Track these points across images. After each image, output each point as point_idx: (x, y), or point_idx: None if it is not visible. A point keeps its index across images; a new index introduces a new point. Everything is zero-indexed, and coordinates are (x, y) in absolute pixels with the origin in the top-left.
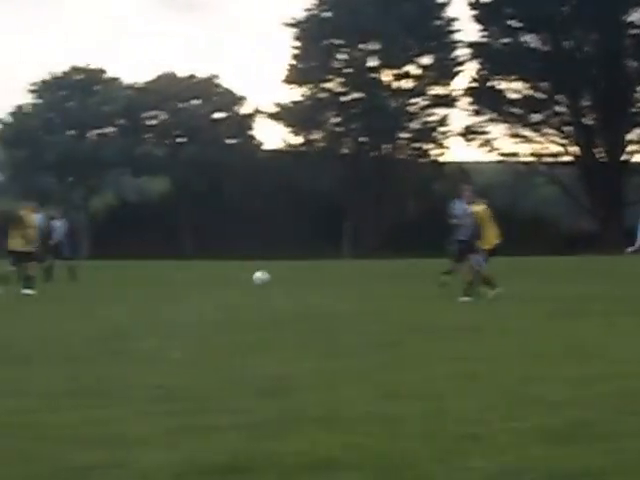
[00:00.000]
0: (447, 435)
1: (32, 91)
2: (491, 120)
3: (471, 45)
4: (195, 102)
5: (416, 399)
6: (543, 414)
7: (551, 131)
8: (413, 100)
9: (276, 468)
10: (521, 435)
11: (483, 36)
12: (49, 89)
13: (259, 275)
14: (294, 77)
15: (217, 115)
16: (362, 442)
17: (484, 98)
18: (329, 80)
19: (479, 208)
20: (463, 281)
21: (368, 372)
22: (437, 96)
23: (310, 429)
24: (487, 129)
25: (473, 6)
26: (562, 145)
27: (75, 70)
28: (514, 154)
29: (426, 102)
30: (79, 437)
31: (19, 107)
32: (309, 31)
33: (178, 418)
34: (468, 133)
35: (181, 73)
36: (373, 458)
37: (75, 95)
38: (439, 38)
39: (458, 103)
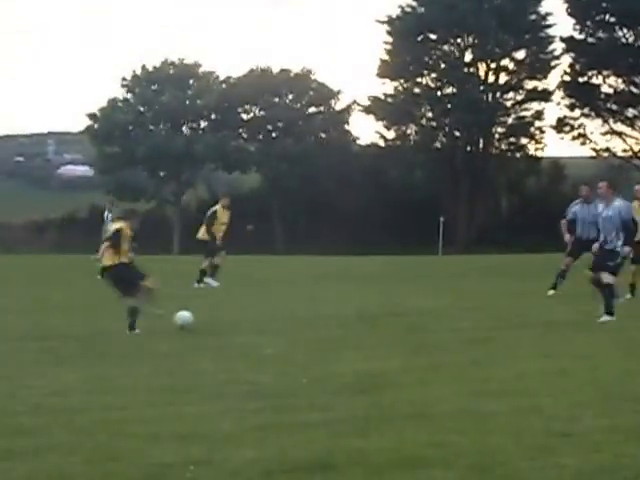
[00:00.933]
0: (538, 432)
1: (124, 85)
2: (585, 115)
3: (565, 40)
4: (289, 97)
5: (507, 396)
6: (637, 411)
7: None
8: (508, 95)
9: (363, 466)
10: (614, 432)
11: (577, 30)
12: (141, 83)
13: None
14: (387, 72)
15: (312, 110)
16: (452, 439)
17: (578, 93)
18: (423, 75)
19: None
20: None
21: (458, 369)
22: (532, 90)
23: (399, 426)
24: (581, 122)
25: (566, 0)
26: None
27: (168, 64)
28: (608, 149)
29: (521, 96)
30: (169, 434)
31: (110, 101)
32: (402, 26)
33: (267, 415)
34: (561, 125)
35: (276, 67)
36: (463, 456)
37: (168, 89)
38: (534, 32)
39: (552, 98)
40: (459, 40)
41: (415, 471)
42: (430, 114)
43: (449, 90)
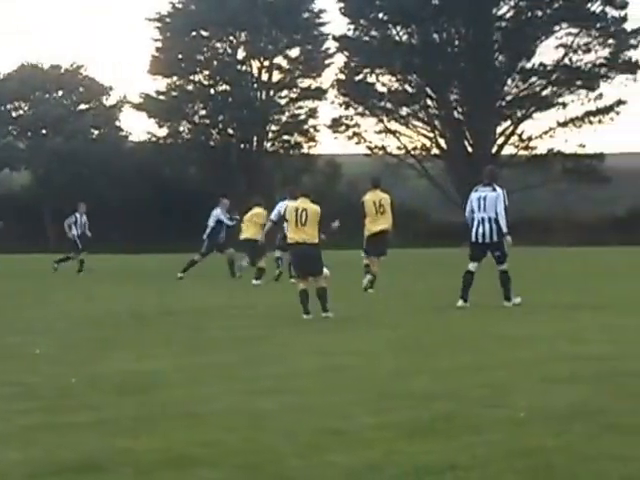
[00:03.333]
0: (309, 430)
1: None
2: (359, 114)
3: (338, 38)
4: (59, 93)
5: (279, 394)
6: (410, 408)
7: (420, 124)
8: (282, 93)
9: (132, 466)
10: (386, 429)
11: (350, 29)
12: None
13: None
14: (159, 69)
15: (83, 106)
16: (222, 438)
17: (353, 91)
18: (196, 72)
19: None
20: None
21: (232, 367)
22: (306, 89)
23: (169, 426)
24: (356, 122)
25: None
26: (431, 138)
27: None
28: (383, 147)
29: (295, 94)
30: None
31: None
32: (173, 23)
33: (35, 416)
34: (336, 125)
35: (45, 64)
36: (233, 455)
37: None
38: (307, 30)
39: (327, 96)
40: (232, 37)
41: (184, 470)
42: (203, 111)
43: (222, 88)
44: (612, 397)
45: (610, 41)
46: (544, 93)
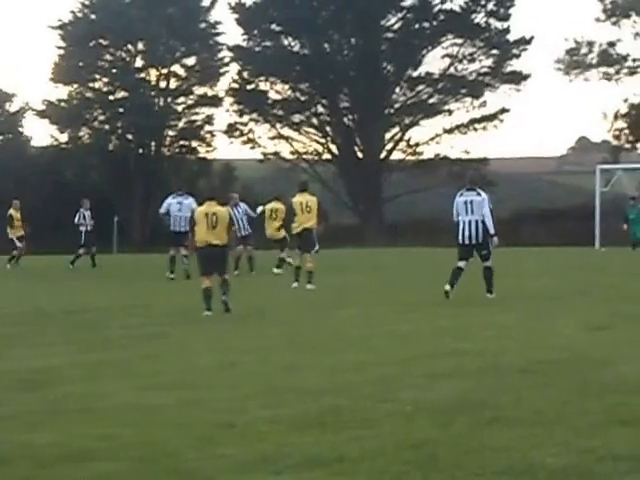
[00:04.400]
0: (203, 424)
1: None
2: (253, 120)
3: (232, 48)
4: None
5: (174, 389)
6: (300, 402)
7: (312, 130)
8: (179, 100)
9: (31, 459)
10: (277, 423)
11: (245, 39)
12: None
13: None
14: (60, 76)
15: None
16: (119, 433)
17: (246, 99)
18: (95, 79)
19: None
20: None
21: (129, 364)
22: (202, 96)
23: (67, 421)
24: (250, 128)
25: (235, 10)
26: (323, 144)
27: None
28: (276, 153)
29: (192, 101)
30: None
31: None
32: (74, 32)
33: None
34: (231, 131)
35: None
36: (129, 448)
37: None
38: (203, 40)
39: (223, 103)
40: (130, 46)
41: (81, 464)
42: (102, 117)
43: (121, 94)
44: (494, 391)
45: (494, 51)
46: (431, 101)
